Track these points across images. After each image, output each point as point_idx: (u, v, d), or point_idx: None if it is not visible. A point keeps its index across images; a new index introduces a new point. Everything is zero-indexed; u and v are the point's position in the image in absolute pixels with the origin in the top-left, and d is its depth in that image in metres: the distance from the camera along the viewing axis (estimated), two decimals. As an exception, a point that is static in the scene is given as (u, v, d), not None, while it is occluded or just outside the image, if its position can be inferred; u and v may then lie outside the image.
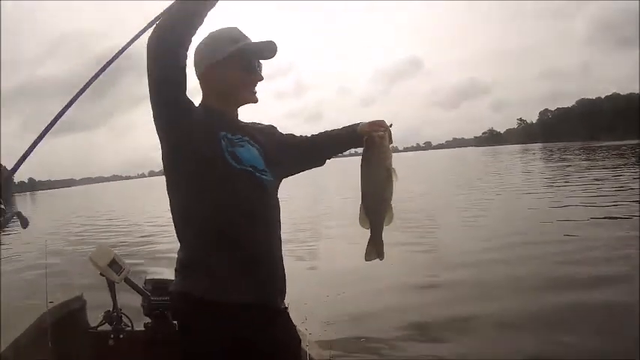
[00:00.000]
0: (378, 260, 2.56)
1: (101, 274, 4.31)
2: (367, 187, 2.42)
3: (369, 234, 2.51)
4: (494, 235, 13.98)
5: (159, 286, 4.18)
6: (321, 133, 2.80)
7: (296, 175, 2.88)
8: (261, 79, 2.56)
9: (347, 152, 2.85)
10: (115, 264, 4.22)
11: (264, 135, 2.67)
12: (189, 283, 2.33)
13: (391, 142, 2.44)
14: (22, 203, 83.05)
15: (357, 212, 2.49)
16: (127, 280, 4.30)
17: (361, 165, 2.40)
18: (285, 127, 2.91)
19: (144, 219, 28.63)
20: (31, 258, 15.17)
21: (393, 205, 2.46)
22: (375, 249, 2.52)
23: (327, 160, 2.88)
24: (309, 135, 2.84)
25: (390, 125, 2.45)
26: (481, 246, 12.61)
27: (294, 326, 2.66)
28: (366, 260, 2.54)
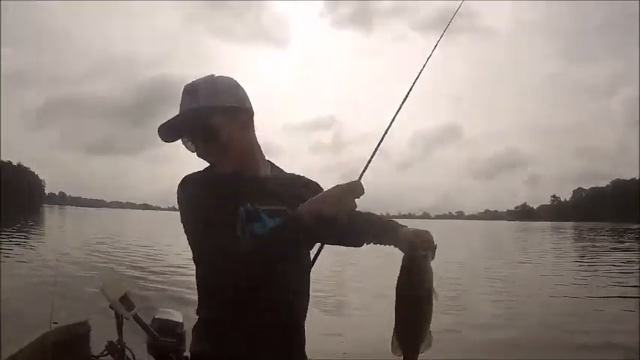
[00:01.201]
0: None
1: (110, 307, 4.17)
2: (403, 310, 2.04)
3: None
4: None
5: (166, 326, 3.98)
6: (360, 213, 2.31)
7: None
8: None
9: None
10: (126, 299, 4.07)
11: (295, 196, 2.27)
12: (206, 346, 2.22)
13: (433, 258, 2.09)
14: (50, 215, 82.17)
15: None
16: (135, 317, 4.11)
17: (397, 284, 2.05)
18: (321, 183, 2.54)
19: (162, 251, 28.47)
20: (46, 275, 14.75)
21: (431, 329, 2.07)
22: None
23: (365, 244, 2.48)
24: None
25: (435, 247, 2.13)
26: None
27: None
28: None
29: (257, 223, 2.17)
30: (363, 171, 2.45)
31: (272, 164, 2.46)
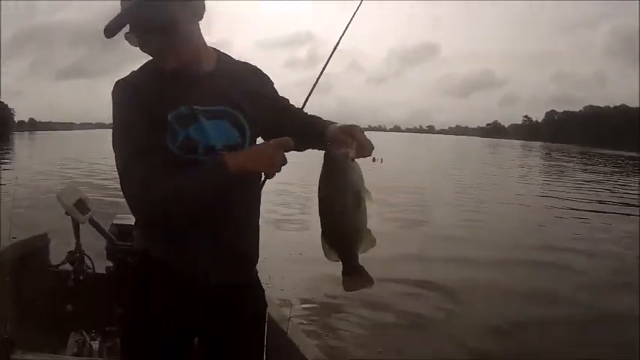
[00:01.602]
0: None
1: (67, 213, 4.26)
2: (328, 218, 1.84)
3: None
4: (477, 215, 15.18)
5: (124, 230, 4.04)
6: (307, 117, 2.26)
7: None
8: None
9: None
10: (81, 204, 4.14)
11: (244, 92, 2.11)
12: (145, 241, 2.14)
13: (368, 155, 1.91)
14: (20, 142, 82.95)
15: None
16: (91, 221, 4.21)
17: (319, 187, 1.83)
18: (293, 95, 2.31)
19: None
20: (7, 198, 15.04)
21: (370, 228, 1.88)
22: (355, 278, 1.96)
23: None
24: (299, 113, 2.30)
25: (365, 144, 1.89)
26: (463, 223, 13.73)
27: (259, 299, 2.39)
28: (348, 291, 2.01)
29: (193, 125, 1.97)
30: (320, 74, 2.34)
31: (220, 54, 2.17)
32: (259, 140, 2.18)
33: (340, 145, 1.81)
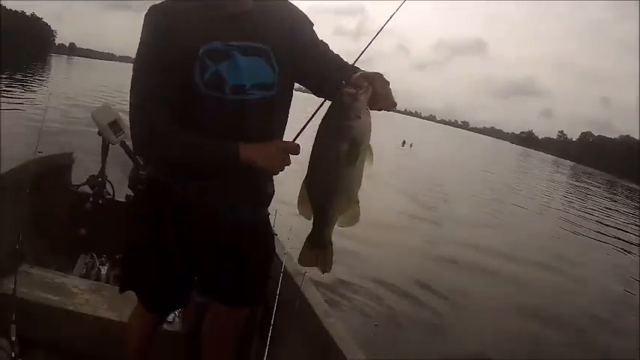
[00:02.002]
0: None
1: (99, 133, 4.23)
2: (315, 165, 1.62)
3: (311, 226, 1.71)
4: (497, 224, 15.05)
5: None
6: (344, 64, 2.02)
7: None
8: None
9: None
10: (115, 125, 4.11)
11: (280, 35, 2.01)
12: (156, 169, 2.13)
13: (383, 107, 1.69)
14: (58, 64, 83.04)
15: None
16: (123, 144, 4.16)
17: (319, 127, 1.63)
18: None
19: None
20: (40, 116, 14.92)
21: (360, 199, 1.66)
22: (315, 252, 1.73)
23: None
24: (336, 59, 2.07)
25: (384, 93, 1.66)
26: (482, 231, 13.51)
27: (268, 241, 2.34)
28: (301, 265, 1.84)
29: (225, 62, 1.88)
30: (359, 56, 2.08)
31: None
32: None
33: (359, 86, 1.58)
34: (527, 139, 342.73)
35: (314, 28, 2.13)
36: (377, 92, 1.62)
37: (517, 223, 16.17)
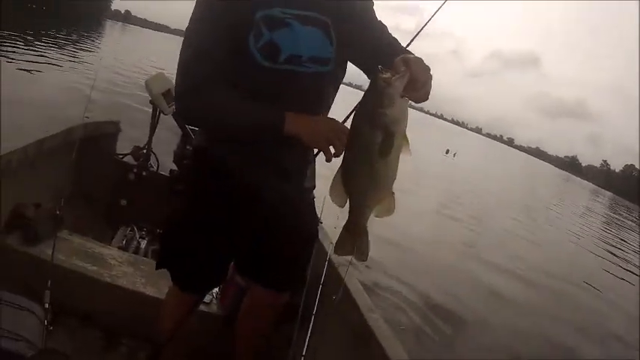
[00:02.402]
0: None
1: (151, 101, 4.14)
2: (349, 153, 1.57)
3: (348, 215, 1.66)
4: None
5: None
6: (399, 47, 1.94)
7: None
8: None
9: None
10: (169, 95, 3.99)
11: (339, 7, 1.92)
12: (206, 139, 2.03)
13: (420, 96, 1.56)
14: (112, 30, 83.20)
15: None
16: (174, 115, 4.05)
17: (355, 114, 1.58)
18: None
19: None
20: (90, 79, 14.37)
21: (395, 192, 1.60)
22: (351, 241, 1.70)
23: None
24: (393, 43, 1.97)
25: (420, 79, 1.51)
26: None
27: (312, 220, 2.29)
28: (337, 254, 1.77)
29: (282, 30, 1.79)
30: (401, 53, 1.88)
31: None
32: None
33: (390, 71, 1.46)
34: (570, 164, 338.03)
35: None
36: (414, 79, 1.48)
37: (550, 244, 16.28)
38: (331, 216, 2.79)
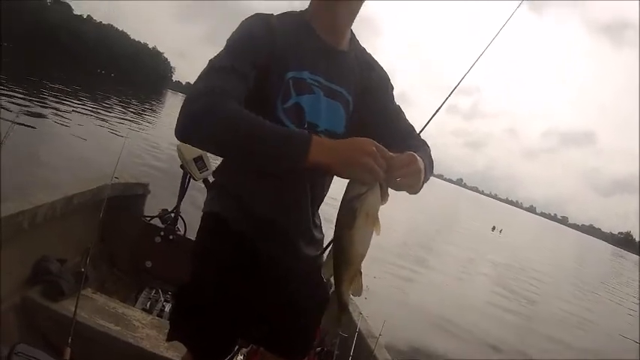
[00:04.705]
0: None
1: (182, 166, 4.09)
2: (336, 227, 1.49)
3: None
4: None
5: None
6: (411, 138, 1.91)
7: None
8: None
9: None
10: (200, 161, 3.97)
11: (362, 85, 1.89)
12: (218, 204, 1.91)
13: (404, 189, 1.51)
14: (172, 101, 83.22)
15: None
16: (205, 181, 3.94)
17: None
18: (446, 144, 2.53)
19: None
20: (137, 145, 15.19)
21: (363, 271, 1.56)
22: (336, 311, 1.65)
23: None
24: (405, 124, 1.95)
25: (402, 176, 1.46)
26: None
27: (323, 286, 2.12)
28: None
29: (308, 96, 1.73)
30: (423, 128, 2.13)
31: (353, 36, 1.92)
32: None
33: (378, 163, 1.39)
34: (624, 241, 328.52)
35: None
36: (400, 184, 1.46)
37: (607, 322, 15.50)
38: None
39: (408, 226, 22.20)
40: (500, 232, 39.66)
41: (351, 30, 1.89)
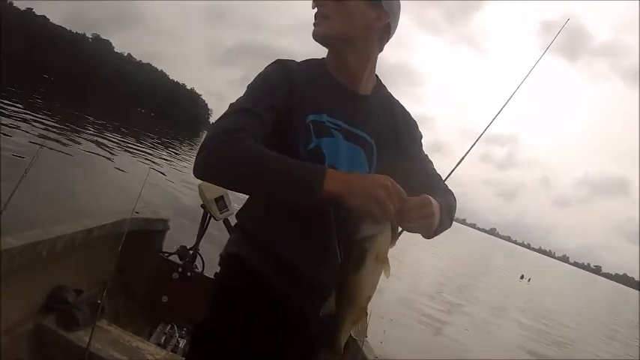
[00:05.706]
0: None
1: (202, 205, 4.08)
2: (342, 266, 1.46)
3: None
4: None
5: None
6: (436, 188, 1.78)
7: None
8: None
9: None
10: (221, 201, 3.96)
11: (394, 127, 1.86)
12: (244, 250, 1.80)
13: (415, 231, 1.54)
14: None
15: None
16: (225, 222, 3.94)
17: None
18: (478, 191, 2.45)
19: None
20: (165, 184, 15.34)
21: (369, 312, 1.53)
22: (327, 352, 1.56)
23: None
24: (431, 173, 1.92)
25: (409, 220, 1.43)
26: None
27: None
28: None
29: (327, 139, 1.70)
30: (449, 174, 2.15)
31: (380, 82, 1.90)
32: None
33: (389, 204, 1.35)
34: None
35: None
36: (412, 226, 1.48)
37: None
38: (377, 332, 2.51)
39: (437, 272, 22.40)
40: (529, 280, 39.19)
41: (377, 76, 1.89)
